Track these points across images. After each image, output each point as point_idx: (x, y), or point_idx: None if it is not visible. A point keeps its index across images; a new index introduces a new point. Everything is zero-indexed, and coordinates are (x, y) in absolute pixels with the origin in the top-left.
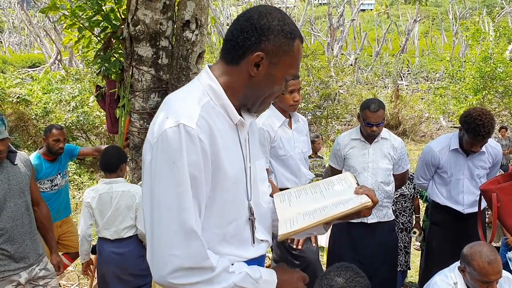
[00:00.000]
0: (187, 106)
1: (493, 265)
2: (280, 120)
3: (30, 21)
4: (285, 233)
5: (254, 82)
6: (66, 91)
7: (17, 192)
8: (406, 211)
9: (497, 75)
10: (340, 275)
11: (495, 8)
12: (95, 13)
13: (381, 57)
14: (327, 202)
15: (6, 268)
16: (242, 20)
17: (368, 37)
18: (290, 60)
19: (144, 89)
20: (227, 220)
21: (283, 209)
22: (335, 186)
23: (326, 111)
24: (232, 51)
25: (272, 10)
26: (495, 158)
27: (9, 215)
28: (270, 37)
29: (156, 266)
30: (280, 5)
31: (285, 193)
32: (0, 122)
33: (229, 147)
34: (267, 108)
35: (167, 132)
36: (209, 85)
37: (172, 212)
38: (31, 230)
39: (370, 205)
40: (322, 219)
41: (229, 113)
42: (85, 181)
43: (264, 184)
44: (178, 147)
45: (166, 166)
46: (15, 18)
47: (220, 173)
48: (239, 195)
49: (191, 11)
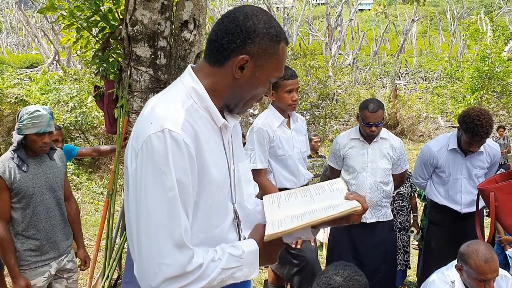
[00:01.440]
0: (171, 110)
1: (490, 263)
2: (279, 120)
3: (28, 21)
4: (272, 233)
5: (238, 84)
6: (64, 91)
7: (52, 186)
8: (404, 210)
9: (495, 75)
10: (338, 273)
11: (493, 8)
12: (93, 13)
13: (379, 57)
14: (317, 206)
15: (39, 258)
16: (227, 21)
17: (366, 37)
18: (275, 62)
19: (143, 89)
20: (212, 224)
21: (271, 211)
22: (326, 191)
23: (324, 111)
24: (217, 53)
25: (258, 11)
26: (493, 158)
27: (44, 208)
28: (256, 40)
29: (147, 277)
30: (278, 5)
31: (274, 196)
32: (50, 116)
33: (213, 150)
34: (249, 108)
35: (151, 138)
36: (192, 87)
37: (161, 221)
38: (62, 223)
39: (360, 210)
40: (310, 221)
41: (213, 116)
42: (83, 182)
43: (248, 186)
44: (163, 153)
45: (153, 173)
46: (13, 19)
47: (205, 178)
48: (223, 199)
49: (189, 12)
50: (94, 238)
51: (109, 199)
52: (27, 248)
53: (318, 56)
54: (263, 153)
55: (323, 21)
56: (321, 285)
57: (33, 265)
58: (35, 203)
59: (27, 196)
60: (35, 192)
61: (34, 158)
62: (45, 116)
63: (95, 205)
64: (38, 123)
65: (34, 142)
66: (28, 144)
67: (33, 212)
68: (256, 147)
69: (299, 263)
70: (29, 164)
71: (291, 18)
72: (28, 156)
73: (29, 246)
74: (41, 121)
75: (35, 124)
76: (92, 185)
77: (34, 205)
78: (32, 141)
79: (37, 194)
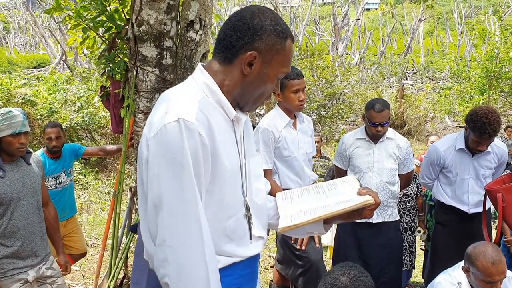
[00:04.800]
0: (184, 101)
1: (497, 265)
2: (285, 121)
3: (35, 21)
4: (285, 226)
5: (248, 80)
6: (72, 91)
7: (30, 191)
8: (410, 211)
9: (503, 75)
10: (344, 274)
11: (501, 7)
12: (100, 13)
13: (386, 56)
14: (329, 201)
15: (15, 266)
16: (234, 19)
17: (373, 37)
18: (282, 58)
19: (149, 89)
20: (227, 213)
21: (285, 206)
22: (338, 187)
23: (330, 110)
24: (226, 51)
25: (264, 10)
26: (500, 158)
27: (22, 214)
28: (263, 36)
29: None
30: (284, 5)
31: (287, 192)
32: (24, 116)
33: (226, 141)
34: (259, 106)
35: (166, 127)
36: (204, 82)
37: (176, 208)
38: (41, 229)
39: (372, 203)
40: (323, 215)
41: (225, 109)
42: (90, 181)
43: (258, 181)
44: (179, 142)
45: (168, 161)
46: (21, 19)
47: (218, 167)
48: (236, 190)
49: (195, 11)
50: (100, 237)
51: (115, 199)
52: (2, 255)
53: (325, 55)
54: (268, 154)
55: (329, 21)
56: (327, 285)
57: (9, 272)
58: (12, 210)
59: (5, 202)
60: (12, 198)
61: (10, 164)
62: (19, 116)
63: (101, 204)
64: (13, 123)
65: (10, 143)
66: (4, 147)
67: (10, 218)
68: (262, 147)
69: (304, 264)
70: (5, 170)
71: (297, 18)
72: (4, 161)
73: (5, 254)
74: (16, 121)
75: (9, 125)
76: (98, 184)
77: (12, 212)
78: (8, 143)
79: (14, 201)
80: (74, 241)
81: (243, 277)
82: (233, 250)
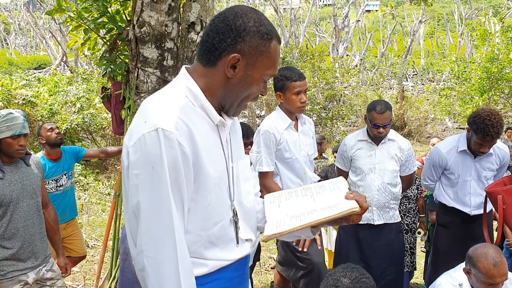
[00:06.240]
0: (164, 109)
1: (499, 267)
2: (286, 123)
3: (36, 23)
4: (270, 234)
5: (232, 83)
6: (72, 92)
7: (29, 193)
8: (411, 212)
9: (504, 76)
10: (346, 275)
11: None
12: (101, 14)
13: (386, 58)
14: (316, 205)
15: (15, 268)
16: (217, 21)
17: (373, 38)
18: (267, 61)
19: (150, 91)
20: (212, 221)
21: (272, 210)
22: (327, 190)
23: (331, 112)
24: (209, 53)
25: (248, 10)
26: (502, 159)
27: (21, 215)
28: (246, 38)
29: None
30: (285, 7)
31: (275, 195)
32: (24, 118)
33: (210, 148)
34: (244, 110)
35: (145, 137)
36: (187, 87)
37: (154, 218)
38: (40, 231)
39: (357, 211)
40: (308, 222)
41: (209, 114)
42: (90, 182)
43: (247, 183)
44: (157, 152)
45: (146, 171)
46: (21, 20)
47: (202, 175)
48: (222, 196)
49: (196, 13)
50: (101, 238)
51: (116, 200)
52: (2, 257)
53: (325, 57)
54: (269, 156)
55: (330, 22)
56: (329, 287)
57: (9, 274)
58: (12, 211)
59: (4, 204)
60: (12, 200)
61: (10, 165)
62: (19, 118)
63: (102, 205)
64: (13, 125)
65: (10, 145)
66: (3, 149)
67: (10, 220)
68: (263, 149)
69: (306, 266)
70: (5, 171)
71: (298, 19)
72: (3, 163)
73: (5, 255)
74: (16, 123)
75: (9, 127)
76: (99, 185)
77: (11, 214)
78: (8, 145)
79: (14, 202)
80: (74, 244)
81: (232, 280)
82: (219, 255)
